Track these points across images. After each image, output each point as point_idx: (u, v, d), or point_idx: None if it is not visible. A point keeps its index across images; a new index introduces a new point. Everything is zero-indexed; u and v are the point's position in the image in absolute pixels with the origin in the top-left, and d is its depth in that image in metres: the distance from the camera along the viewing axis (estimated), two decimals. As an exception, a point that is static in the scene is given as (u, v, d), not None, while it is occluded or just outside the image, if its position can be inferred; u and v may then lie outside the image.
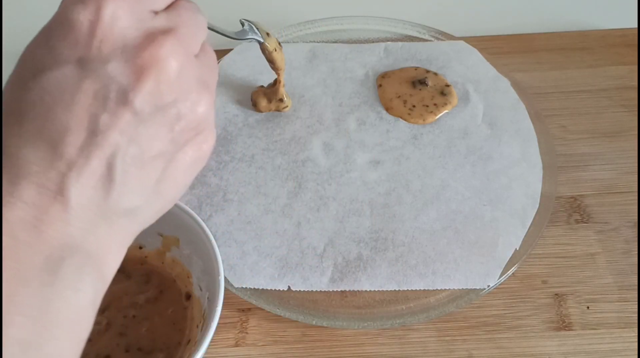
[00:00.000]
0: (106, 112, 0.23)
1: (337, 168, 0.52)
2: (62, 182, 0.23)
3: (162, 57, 0.24)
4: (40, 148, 0.22)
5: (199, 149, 0.26)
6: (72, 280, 0.23)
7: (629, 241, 0.49)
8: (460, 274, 0.46)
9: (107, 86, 0.23)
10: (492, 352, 0.44)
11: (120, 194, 0.24)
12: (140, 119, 0.24)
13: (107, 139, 0.23)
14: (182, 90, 0.25)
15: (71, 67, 0.23)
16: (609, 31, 0.64)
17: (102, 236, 0.24)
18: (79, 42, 0.23)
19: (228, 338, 0.45)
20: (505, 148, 0.53)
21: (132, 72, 0.23)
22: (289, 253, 0.47)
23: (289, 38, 0.62)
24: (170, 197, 0.27)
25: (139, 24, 0.24)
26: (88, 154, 0.23)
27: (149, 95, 0.23)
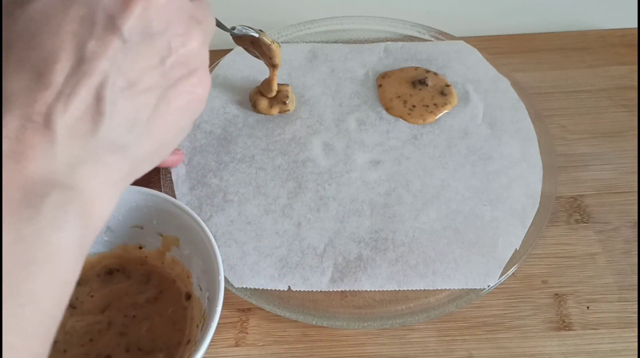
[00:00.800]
0: (93, 39, 0.22)
1: (337, 168, 0.52)
2: (48, 113, 0.22)
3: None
4: (25, 78, 0.22)
5: (193, 91, 0.26)
6: (54, 218, 0.22)
7: (629, 241, 0.49)
8: (460, 274, 0.46)
9: (94, 11, 0.22)
10: (492, 352, 0.44)
11: (108, 127, 0.23)
12: (129, 47, 0.23)
13: (96, 67, 0.22)
14: (172, 21, 0.24)
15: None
16: (609, 31, 0.64)
17: (89, 173, 0.24)
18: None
19: (228, 338, 0.45)
20: (506, 147, 0.53)
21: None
22: (289, 253, 0.47)
23: (289, 38, 0.62)
24: (162, 139, 0.26)
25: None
26: (76, 82, 0.22)
27: (137, 21, 0.23)
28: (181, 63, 0.25)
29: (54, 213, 0.22)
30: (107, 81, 0.23)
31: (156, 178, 0.51)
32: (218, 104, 0.56)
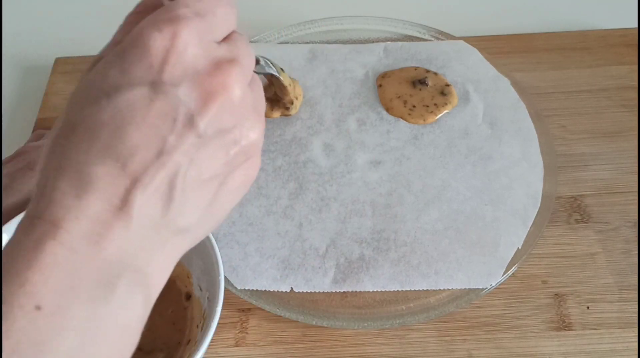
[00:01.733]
0: (173, 134, 0.24)
1: (338, 168, 0.52)
2: (127, 198, 0.23)
3: (229, 84, 0.25)
4: (108, 165, 0.23)
5: (247, 174, 0.27)
6: (125, 298, 0.24)
7: (629, 241, 0.49)
8: (462, 274, 0.46)
9: (176, 108, 0.24)
10: (492, 352, 0.44)
11: (177, 213, 0.25)
12: (202, 141, 0.25)
13: (172, 159, 0.24)
14: (241, 116, 0.26)
15: (144, 90, 0.24)
16: (609, 31, 0.64)
17: (155, 254, 0.25)
18: (152, 66, 0.24)
19: (228, 338, 0.45)
20: (506, 147, 0.53)
21: (200, 97, 0.24)
22: (291, 254, 0.47)
23: (289, 38, 0.62)
24: (219, 218, 0.28)
25: (207, 52, 0.25)
26: (154, 173, 0.24)
27: (213, 119, 0.25)
28: (243, 152, 0.27)
29: (125, 294, 0.24)
30: (180, 171, 0.24)
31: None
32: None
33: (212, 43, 0.25)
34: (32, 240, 0.23)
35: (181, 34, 0.24)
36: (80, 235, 0.23)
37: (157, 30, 0.24)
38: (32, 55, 0.67)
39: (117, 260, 0.24)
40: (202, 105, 0.24)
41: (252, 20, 0.65)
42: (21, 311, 0.21)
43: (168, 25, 0.24)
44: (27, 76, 0.66)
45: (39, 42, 0.68)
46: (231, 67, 0.25)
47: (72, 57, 0.65)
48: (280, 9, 0.67)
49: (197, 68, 0.24)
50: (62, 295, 0.22)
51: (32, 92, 0.63)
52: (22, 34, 0.69)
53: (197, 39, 0.25)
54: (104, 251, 0.23)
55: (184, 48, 0.24)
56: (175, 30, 0.24)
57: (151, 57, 0.24)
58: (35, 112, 0.60)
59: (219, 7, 0.26)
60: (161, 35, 0.24)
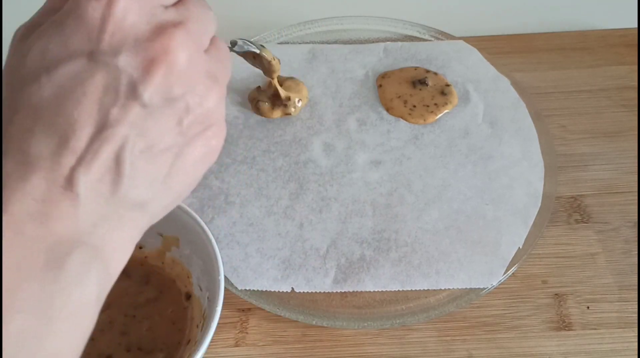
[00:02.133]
0: (116, 106, 0.23)
1: (338, 168, 0.52)
2: (71, 176, 0.23)
3: (172, 49, 0.24)
4: (50, 143, 0.23)
5: (208, 144, 0.26)
6: (77, 276, 0.23)
7: (629, 241, 0.49)
8: (463, 273, 0.46)
9: (117, 79, 0.23)
10: (492, 352, 0.44)
11: (128, 187, 0.24)
12: (149, 112, 0.24)
13: (116, 132, 0.23)
14: (191, 83, 0.25)
15: (83, 61, 0.23)
16: (609, 31, 0.64)
17: (109, 231, 0.24)
18: (90, 36, 0.23)
19: (228, 338, 0.45)
20: (506, 147, 0.53)
21: (142, 65, 0.23)
22: (291, 254, 0.47)
23: (289, 38, 0.62)
24: (179, 191, 0.27)
25: (150, 17, 0.24)
26: (98, 147, 0.23)
27: (158, 87, 0.23)
28: (198, 121, 0.25)
29: (77, 271, 0.23)
30: (127, 144, 0.23)
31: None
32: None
33: (158, 7, 0.24)
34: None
35: (118, 0, 0.23)
36: (25, 216, 0.22)
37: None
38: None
39: (67, 239, 0.23)
40: (144, 73, 0.23)
41: (252, 20, 0.65)
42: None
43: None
44: (27, 76, 0.66)
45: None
46: (174, 31, 0.24)
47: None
48: (280, 9, 0.67)
49: (137, 34, 0.23)
50: (10, 276, 0.22)
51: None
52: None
53: (138, 4, 0.23)
54: (51, 231, 0.23)
55: (122, 15, 0.23)
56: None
57: (88, 26, 0.23)
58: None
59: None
60: (98, 3, 0.23)
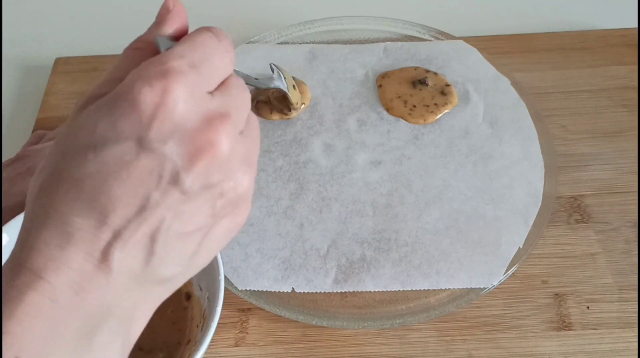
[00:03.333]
0: (157, 191, 0.24)
1: (338, 168, 0.52)
2: (107, 251, 0.24)
3: (217, 141, 0.24)
4: (91, 217, 0.24)
5: (234, 221, 0.27)
6: (105, 347, 0.25)
7: (629, 241, 0.49)
8: (464, 273, 0.46)
9: (162, 165, 0.24)
10: (492, 352, 0.44)
11: (158, 265, 0.25)
12: (187, 197, 0.25)
13: (155, 215, 0.24)
14: (229, 170, 0.25)
15: (131, 145, 0.24)
16: (609, 31, 0.64)
17: (135, 303, 0.26)
18: (141, 121, 0.24)
19: (228, 338, 0.45)
20: (506, 147, 0.53)
21: (187, 154, 0.24)
22: (292, 254, 0.47)
23: (289, 38, 0.62)
24: (201, 265, 0.28)
25: (198, 107, 0.24)
26: (135, 227, 0.24)
27: (199, 176, 0.24)
28: (230, 204, 0.26)
29: (105, 341, 0.25)
30: (162, 226, 0.24)
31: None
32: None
33: (205, 96, 0.25)
34: (15, 289, 0.23)
35: (172, 89, 0.24)
36: (61, 286, 0.23)
37: (147, 85, 0.23)
38: (32, 55, 0.67)
39: (98, 310, 0.24)
40: (188, 162, 0.24)
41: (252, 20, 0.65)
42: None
43: (159, 79, 0.24)
44: (27, 76, 0.66)
45: (39, 42, 0.68)
46: (221, 123, 0.25)
47: (72, 57, 0.65)
48: (280, 9, 0.67)
49: (186, 125, 0.24)
50: (42, 345, 0.23)
51: (32, 92, 0.63)
52: (22, 34, 0.69)
53: (189, 93, 0.24)
54: (85, 302, 0.24)
55: (173, 104, 0.24)
56: (166, 86, 0.23)
57: (140, 112, 0.23)
58: (35, 112, 0.60)
59: (216, 56, 0.26)
60: (151, 90, 0.23)
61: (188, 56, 0.25)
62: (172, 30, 0.27)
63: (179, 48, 0.25)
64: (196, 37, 0.26)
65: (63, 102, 0.61)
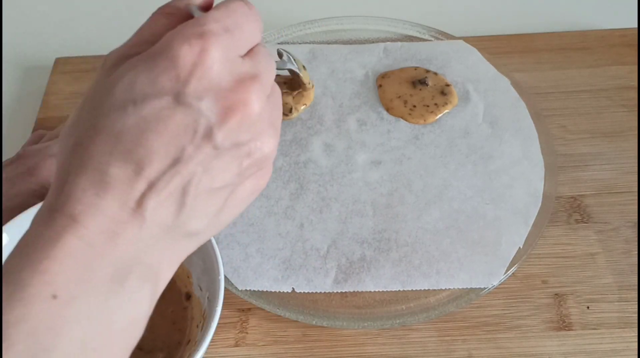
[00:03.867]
0: (192, 145, 0.25)
1: (338, 168, 0.52)
2: (141, 200, 0.25)
3: (248, 101, 0.26)
4: (128, 168, 0.25)
5: (257, 183, 0.29)
6: (135, 292, 0.26)
7: (629, 241, 0.49)
8: (464, 273, 0.46)
9: (197, 121, 0.25)
10: (492, 352, 0.44)
11: (188, 217, 0.27)
12: (218, 153, 0.26)
13: (187, 168, 0.25)
14: (257, 130, 0.27)
15: (169, 100, 0.25)
16: (609, 31, 0.64)
17: (164, 253, 0.27)
18: (179, 78, 0.25)
19: (228, 338, 0.45)
20: (507, 146, 0.53)
21: (221, 112, 0.25)
22: (292, 254, 0.47)
23: (289, 38, 0.62)
24: (225, 223, 0.29)
25: (231, 68, 0.26)
26: (169, 179, 0.25)
27: (230, 133, 0.26)
28: (255, 164, 0.28)
29: (136, 288, 0.26)
30: (194, 179, 0.26)
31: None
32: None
33: (237, 58, 0.26)
34: (52, 232, 0.24)
35: (209, 50, 0.25)
36: (97, 231, 0.24)
37: (187, 44, 0.25)
38: (32, 55, 0.67)
39: (129, 257, 0.25)
40: (221, 119, 0.25)
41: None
42: (39, 298, 0.23)
43: (198, 39, 0.25)
44: (27, 76, 0.66)
45: (39, 42, 0.68)
46: (252, 84, 0.26)
47: (72, 57, 0.65)
48: (280, 9, 0.67)
49: (220, 84, 0.25)
50: (77, 285, 0.24)
51: (32, 92, 0.63)
52: (22, 34, 0.69)
53: (224, 55, 0.25)
54: (118, 248, 0.25)
55: (210, 64, 0.25)
56: (204, 45, 0.25)
57: (179, 69, 0.25)
58: (35, 112, 0.60)
59: (247, 23, 0.27)
60: (191, 49, 0.25)
61: (223, 20, 0.26)
62: (202, 0, 0.29)
63: (215, 13, 0.26)
64: (230, 4, 0.27)
65: (63, 102, 0.61)
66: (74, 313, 0.24)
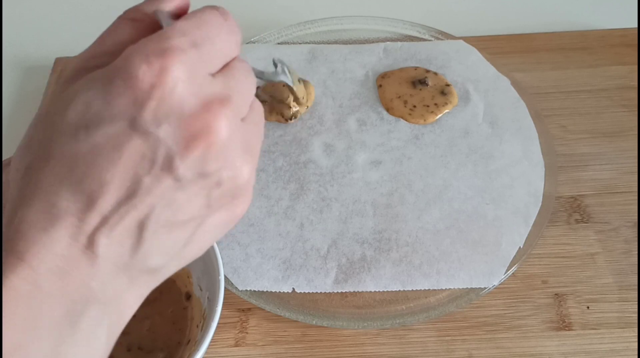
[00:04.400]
0: (149, 176, 0.23)
1: (338, 168, 0.52)
2: (93, 236, 0.23)
3: (215, 127, 0.23)
4: (79, 200, 0.22)
5: (232, 212, 0.26)
6: (88, 334, 0.23)
7: (629, 241, 0.49)
8: (464, 273, 0.46)
9: (155, 149, 0.22)
10: (492, 352, 0.44)
11: (146, 254, 0.24)
12: (180, 185, 0.23)
13: (144, 201, 0.23)
14: (227, 158, 0.24)
15: (124, 125, 0.22)
16: (609, 31, 0.64)
17: (122, 290, 0.24)
18: (136, 101, 0.22)
19: (228, 338, 0.45)
20: (507, 146, 0.53)
21: (183, 139, 0.23)
22: (292, 255, 0.47)
23: (289, 38, 0.62)
24: (192, 257, 0.27)
25: (197, 89, 0.23)
26: (123, 213, 0.23)
27: (194, 163, 0.23)
28: (228, 194, 0.25)
29: (90, 328, 0.23)
30: (152, 214, 0.23)
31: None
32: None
33: (206, 77, 0.23)
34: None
35: (171, 69, 0.22)
36: (45, 270, 0.22)
37: (146, 63, 0.22)
38: (32, 55, 0.67)
39: (82, 296, 0.23)
40: (183, 148, 0.23)
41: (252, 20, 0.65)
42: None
43: (158, 57, 0.22)
44: (27, 76, 0.66)
45: (39, 42, 0.68)
46: (221, 107, 0.23)
47: (72, 57, 0.64)
48: (280, 9, 0.67)
49: (183, 107, 0.22)
50: (23, 332, 0.22)
51: (32, 92, 0.63)
52: (22, 34, 0.69)
53: (188, 74, 0.23)
54: (69, 287, 0.23)
55: (172, 85, 0.22)
56: (164, 64, 0.22)
57: (136, 91, 0.22)
58: (35, 112, 0.60)
59: (220, 36, 0.24)
60: (149, 68, 0.22)
61: (191, 33, 0.23)
62: (174, 7, 0.26)
63: (182, 24, 0.23)
64: (201, 15, 0.24)
65: (63, 102, 0.61)
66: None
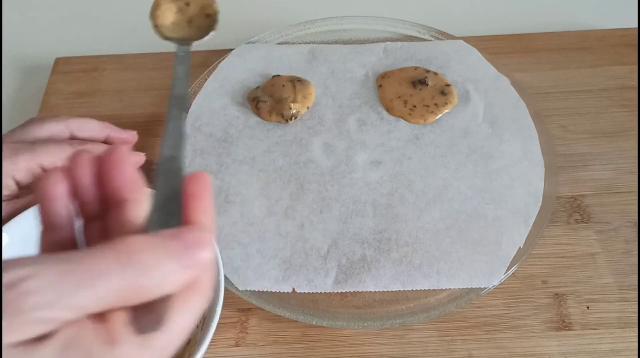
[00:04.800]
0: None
1: (338, 168, 0.52)
2: None
3: None
4: None
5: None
6: None
7: (629, 241, 0.49)
8: (464, 273, 0.46)
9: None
10: (492, 352, 0.44)
11: None
12: None
13: None
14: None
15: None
16: (609, 31, 0.64)
17: None
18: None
19: (228, 338, 0.45)
20: (507, 146, 0.53)
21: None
22: (292, 255, 0.47)
23: (289, 38, 0.62)
24: None
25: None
26: None
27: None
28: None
29: None
30: None
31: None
32: (218, 106, 0.56)
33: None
34: None
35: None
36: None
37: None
38: (32, 55, 0.67)
39: None
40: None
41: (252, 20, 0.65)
42: None
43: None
44: (27, 76, 0.66)
45: (39, 42, 0.68)
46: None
47: (72, 57, 0.65)
48: (280, 9, 0.67)
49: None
50: None
51: (32, 92, 0.63)
52: (22, 34, 0.69)
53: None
54: None
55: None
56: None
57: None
58: (35, 112, 0.60)
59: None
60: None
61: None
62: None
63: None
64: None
65: (63, 102, 0.61)
66: None
